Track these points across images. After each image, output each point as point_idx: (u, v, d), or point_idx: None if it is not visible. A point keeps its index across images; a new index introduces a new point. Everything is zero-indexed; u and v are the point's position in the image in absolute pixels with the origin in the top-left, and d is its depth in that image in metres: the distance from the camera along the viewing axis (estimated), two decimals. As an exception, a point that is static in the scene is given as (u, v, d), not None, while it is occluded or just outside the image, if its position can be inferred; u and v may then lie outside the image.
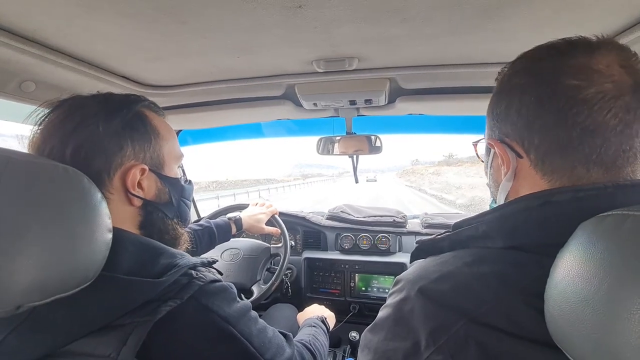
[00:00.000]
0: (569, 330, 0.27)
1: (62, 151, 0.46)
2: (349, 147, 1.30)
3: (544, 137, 0.38)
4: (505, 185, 0.43)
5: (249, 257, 1.23)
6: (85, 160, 0.46)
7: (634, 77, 0.34)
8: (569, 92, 0.35)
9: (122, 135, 0.50)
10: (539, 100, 0.37)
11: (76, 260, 0.39)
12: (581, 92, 0.34)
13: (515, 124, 0.40)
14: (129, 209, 0.52)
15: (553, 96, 0.36)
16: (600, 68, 0.35)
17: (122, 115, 0.51)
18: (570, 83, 0.35)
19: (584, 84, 0.35)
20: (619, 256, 0.24)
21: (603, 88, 0.34)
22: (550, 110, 0.36)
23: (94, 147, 0.47)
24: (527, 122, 0.39)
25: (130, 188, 0.50)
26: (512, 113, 0.40)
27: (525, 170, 0.41)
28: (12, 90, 0.73)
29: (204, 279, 0.50)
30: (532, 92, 0.38)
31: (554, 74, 0.37)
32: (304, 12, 0.56)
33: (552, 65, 0.37)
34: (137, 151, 0.51)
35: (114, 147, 0.49)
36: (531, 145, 0.39)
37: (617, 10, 0.57)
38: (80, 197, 0.41)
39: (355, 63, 0.81)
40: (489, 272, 0.37)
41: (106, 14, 0.55)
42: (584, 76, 0.35)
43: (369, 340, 0.43)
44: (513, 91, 0.41)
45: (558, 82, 0.36)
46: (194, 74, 0.90)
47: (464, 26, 0.63)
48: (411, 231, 1.50)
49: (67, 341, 0.41)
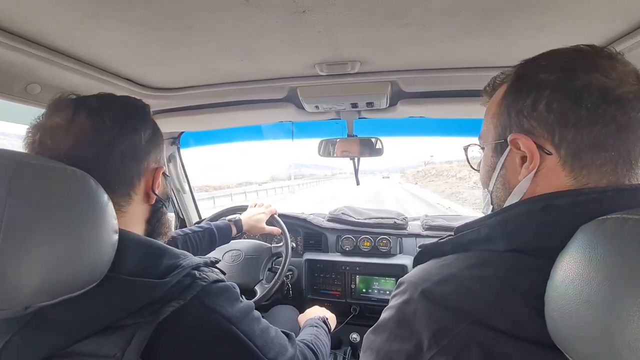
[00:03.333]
0: (569, 332, 0.27)
1: (107, 155, 0.48)
2: (350, 149, 1.30)
3: (578, 132, 0.37)
4: (523, 186, 0.42)
5: (251, 257, 1.23)
6: (125, 164, 0.51)
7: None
8: (604, 89, 0.36)
9: (152, 142, 0.55)
10: (573, 95, 0.37)
11: (83, 261, 0.39)
12: (616, 90, 0.36)
13: (545, 119, 0.39)
14: (145, 206, 0.56)
15: (588, 92, 0.36)
16: (626, 70, 0.37)
17: (150, 122, 0.56)
18: (604, 81, 0.36)
19: (616, 83, 0.36)
20: (619, 258, 0.24)
21: (633, 88, 0.36)
22: (585, 106, 0.36)
23: (133, 152, 0.52)
24: (560, 117, 0.38)
25: (156, 188, 0.56)
26: (540, 108, 0.39)
27: (550, 168, 0.40)
28: (18, 92, 0.73)
29: (207, 279, 0.50)
30: (565, 87, 0.38)
31: (587, 71, 0.37)
32: (307, 17, 0.57)
33: (585, 63, 0.38)
34: (157, 154, 0.57)
35: (146, 152, 0.54)
36: (563, 140, 0.38)
37: (617, 16, 0.58)
38: (87, 199, 0.41)
39: (357, 66, 0.82)
40: (491, 275, 0.37)
41: (112, 19, 0.56)
42: (615, 75, 0.36)
43: (372, 341, 0.43)
44: (542, 86, 0.40)
45: (593, 78, 0.37)
46: (197, 77, 0.91)
47: (465, 30, 0.63)
48: (412, 233, 1.50)
49: (71, 341, 0.41)
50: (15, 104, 0.76)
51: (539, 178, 0.41)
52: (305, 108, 1.09)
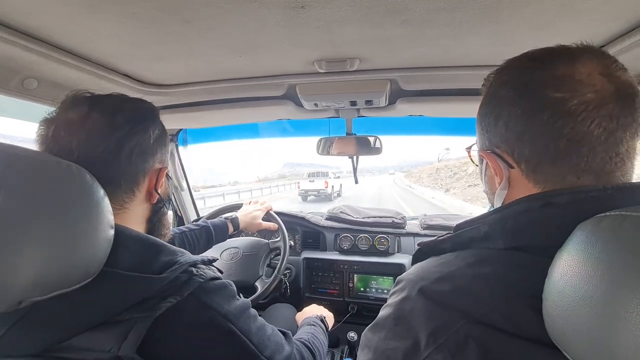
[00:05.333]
0: (567, 330, 0.27)
1: (117, 152, 0.50)
2: (348, 148, 1.30)
3: (533, 148, 0.39)
4: (501, 193, 0.45)
5: (249, 254, 1.23)
6: (133, 161, 0.52)
7: (616, 85, 0.35)
8: (554, 104, 0.36)
9: (158, 142, 0.57)
10: (526, 113, 0.39)
11: (78, 256, 0.39)
12: (565, 104, 0.36)
13: (505, 135, 0.41)
14: (146, 205, 0.57)
15: (539, 109, 0.37)
16: (582, 78, 0.36)
17: (159, 123, 0.58)
18: (554, 95, 0.36)
19: (567, 95, 0.36)
20: (617, 256, 0.24)
21: (586, 98, 0.35)
22: (537, 123, 0.38)
23: (141, 150, 0.53)
24: (517, 135, 0.40)
25: (158, 187, 0.57)
26: (500, 125, 0.42)
27: (518, 179, 0.42)
28: (15, 87, 0.73)
29: (204, 276, 0.50)
30: (519, 105, 0.39)
31: (538, 87, 0.38)
32: (306, 12, 0.56)
33: (537, 78, 0.39)
34: (163, 154, 0.58)
35: (153, 151, 0.55)
36: (522, 156, 0.40)
37: (616, 14, 0.58)
38: (83, 193, 0.41)
39: (357, 64, 0.81)
40: (490, 273, 0.37)
41: (109, 13, 0.56)
42: (567, 87, 0.36)
43: (369, 339, 0.43)
44: (501, 103, 0.42)
45: (543, 95, 0.37)
46: (195, 73, 0.91)
47: (465, 28, 0.63)
48: (410, 232, 1.50)
49: (67, 336, 0.41)
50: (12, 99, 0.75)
51: (514, 187, 0.43)
52: (304, 106, 1.09)
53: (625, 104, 0.35)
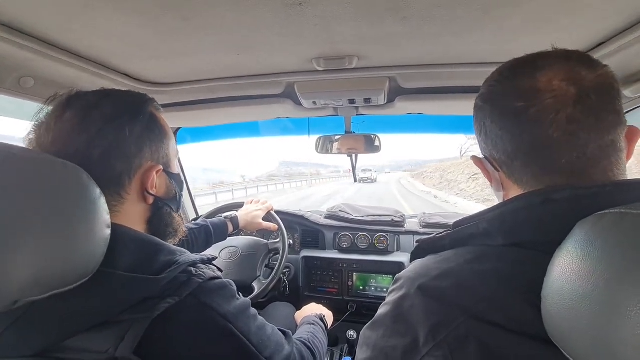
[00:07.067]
0: (566, 327, 0.27)
1: (88, 153, 0.46)
2: (348, 146, 1.30)
3: (506, 155, 0.42)
4: (498, 194, 0.48)
5: (248, 254, 1.22)
6: (110, 163, 0.48)
7: (577, 88, 0.36)
8: (516, 113, 0.39)
9: (143, 138, 0.52)
10: (495, 123, 0.42)
11: (74, 256, 0.39)
12: (526, 111, 0.38)
13: (487, 143, 0.45)
14: (142, 206, 0.54)
15: (504, 118, 0.40)
16: (541, 86, 0.37)
17: (142, 118, 0.52)
18: (516, 105, 0.39)
19: (528, 103, 0.38)
20: (617, 254, 0.24)
21: (544, 105, 0.37)
22: (505, 130, 0.41)
23: (119, 150, 0.49)
24: (492, 142, 0.43)
25: (149, 188, 0.53)
26: (483, 133, 0.45)
27: (505, 181, 0.45)
28: (11, 85, 0.72)
29: (203, 277, 0.50)
30: (490, 116, 0.43)
31: (503, 98, 0.41)
32: (304, 9, 0.56)
33: (502, 90, 0.42)
34: (154, 152, 0.54)
35: (136, 149, 0.51)
36: (500, 161, 0.44)
37: (616, 12, 0.58)
38: (79, 192, 0.40)
39: (355, 61, 0.81)
40: (490, 270, 0.37)
41: (106, 10, 0.55)
42: (527, 96, 0.38)
43: (368, 337, 0.43)
44: (479, 114, 0.45)
45: (507, 105, 0.40)
46: (194, 71, 0.90)
47: (464, 25, 0.63)
48: (409, 230, 1.50)
49: (64, 336, 0.41)
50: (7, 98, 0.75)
51: (506, 189, 0.46)
52: (303, 104, 1.08)
53: (585, 107, 0.36)
